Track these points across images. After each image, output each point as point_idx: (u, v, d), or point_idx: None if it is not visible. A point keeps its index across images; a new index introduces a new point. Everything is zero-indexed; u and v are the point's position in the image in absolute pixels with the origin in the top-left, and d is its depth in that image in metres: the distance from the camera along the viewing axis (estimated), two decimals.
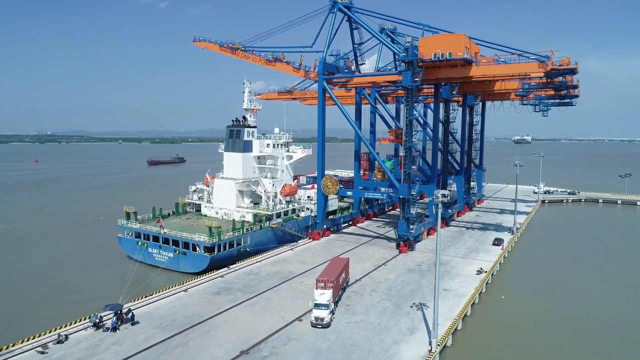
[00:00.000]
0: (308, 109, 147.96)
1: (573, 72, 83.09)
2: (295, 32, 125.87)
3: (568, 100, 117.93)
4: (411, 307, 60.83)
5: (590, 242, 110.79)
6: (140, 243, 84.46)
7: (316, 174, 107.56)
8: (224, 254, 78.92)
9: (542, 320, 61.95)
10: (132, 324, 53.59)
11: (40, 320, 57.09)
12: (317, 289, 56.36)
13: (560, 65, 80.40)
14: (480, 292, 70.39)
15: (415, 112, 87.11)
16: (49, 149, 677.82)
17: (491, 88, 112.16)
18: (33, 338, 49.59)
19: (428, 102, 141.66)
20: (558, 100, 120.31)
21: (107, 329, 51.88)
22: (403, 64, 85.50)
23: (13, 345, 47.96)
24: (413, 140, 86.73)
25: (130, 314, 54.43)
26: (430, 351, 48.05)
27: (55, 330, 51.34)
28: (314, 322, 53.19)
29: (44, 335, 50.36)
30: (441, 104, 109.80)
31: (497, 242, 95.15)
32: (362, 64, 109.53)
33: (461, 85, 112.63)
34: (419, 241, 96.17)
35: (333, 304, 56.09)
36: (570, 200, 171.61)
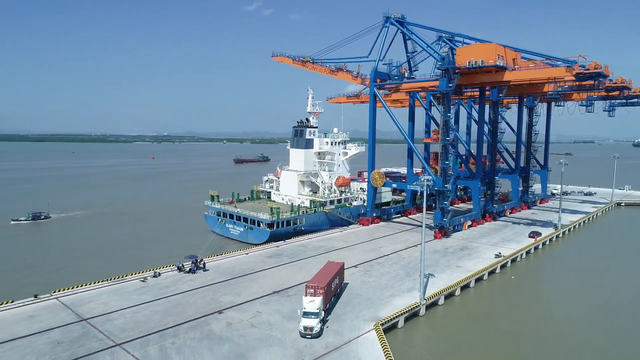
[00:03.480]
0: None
1: (601, 75, 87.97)
2: (355, 44, 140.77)
3: (635, 100, 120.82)
4: (419, 275, 73.38)
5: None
6: (220, 219, 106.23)
7: (381, 170, 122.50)
8: (282, 230, 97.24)
9: (538, 299, 70.49)
10: (204, 270, 73.53)
11: (144, 263, 79.20)
12: (306, 295, 52.78)
13: (588, 70, 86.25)
14: (493, 272, 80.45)
15: (449, 114, 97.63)
16: (164, 148, 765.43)
17: (541, 90, 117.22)
18: (138, 273, 71.53)
19: (488, 103, 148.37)
20: (625, 101, 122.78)
21: (186, 271, 72.45)
22: (440, 71, 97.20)
23: (125, 276, 70.23)
24: (447, 138, 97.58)
25: (203, 263, 74.58)
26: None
27: (152, 270, 72.92)
28: (302, 332, 48.96)
29: (145, 272, 72.09)
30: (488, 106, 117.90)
31: (533, 234, 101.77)
32: (415, 70, 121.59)
33: (510, 87, 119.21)
34: (458, 231, 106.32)
35: (324, 312, 52.22)
36: None
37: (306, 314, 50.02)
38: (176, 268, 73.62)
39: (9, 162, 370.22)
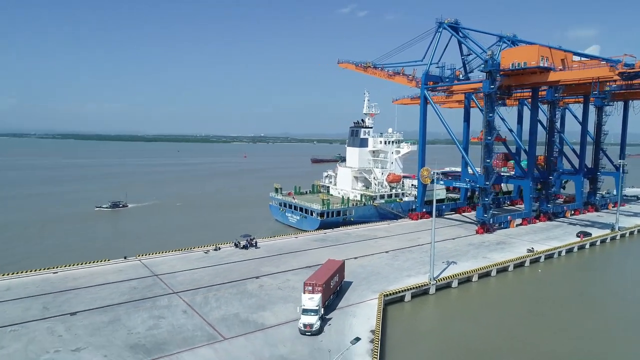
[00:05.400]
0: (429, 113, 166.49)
1: None
2: (417, 48, 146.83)
3: None
4: (443, 262, 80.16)
5: None
6: (281, 209, 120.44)
7: (441, 170, 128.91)
8: (331, 219, 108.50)
9: (554, 298, 71.71)
10: (255, 247, 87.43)
11: (209, 240, 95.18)
12: (305, 292, 52.99)
13: (633, 69, 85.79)
14: (521, 265, 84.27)
15: (490, 114, 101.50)
16: (257, 147, 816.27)
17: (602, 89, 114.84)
18: (203, 247, 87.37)
19: (565, 103, 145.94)
20: None
21: (241, 247, 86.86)
22: (484, 73, 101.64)
23: (192, 248, 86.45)
24: (488, 137, 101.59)
25: (255, 241, 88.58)
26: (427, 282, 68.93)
27: (214, 245, 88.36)
28: (302, 329, 49.26)
29: (208, 246, 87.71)
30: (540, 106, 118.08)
31: (580, 234, 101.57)
32: (471, 72, 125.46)
33: (571, 87, 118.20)
34: (504, 228, 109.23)
35: (322, 309, 52.87)
36: None
37: (305, 311, 50.31)
38: (233, 244, 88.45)
39: (120, 159, 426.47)
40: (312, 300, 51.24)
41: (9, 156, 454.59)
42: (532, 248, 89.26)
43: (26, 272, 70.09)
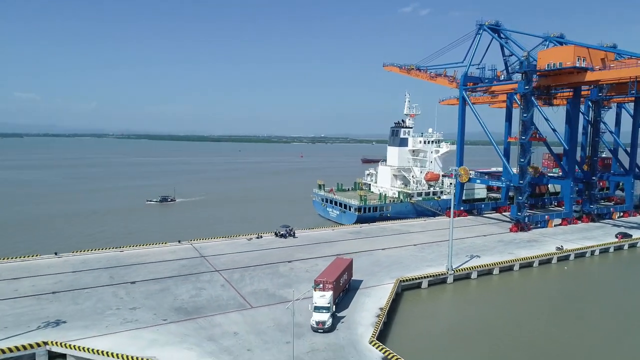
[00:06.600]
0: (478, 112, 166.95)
1: None
2: (459, 50, 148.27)
3: None
4: (466, 256, 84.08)
5: None
6: (323, 204, 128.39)
7: (486, 170, 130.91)
8: (368, 215, 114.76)
9: (573, 297, 73.13)
10: (293, 237, 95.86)
11: (255, 230, 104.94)
12: (315, 290, 53.98)
13: None
14: (548, 262, 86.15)
15: (525, 114, 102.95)
16: (316, 148, 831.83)
17: None
18: (246, 235, 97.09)
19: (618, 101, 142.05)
20: None
21: (280, 236, 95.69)
22: (520, 74, 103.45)
23: (238, 236, 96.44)
24: (522, 137, 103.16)
25: (293, 231, 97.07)
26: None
27: (258, 234, 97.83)
28: (314, 326, 49.95)
29: (251, 235, 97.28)
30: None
31: (619, 235, 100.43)
32: (512, 73, 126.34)
33: (617, 86, 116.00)
34: (540, 227, 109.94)
35: (334, 306, 53.70)
36: None
37: (317, 309, 50.85)
38: (274, 234, 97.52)
39: (188, 157, 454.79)
40: (324, 297, 51.91)
41: (95, 153, 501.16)
42: (561, 246, 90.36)
43: (99, 250, 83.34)
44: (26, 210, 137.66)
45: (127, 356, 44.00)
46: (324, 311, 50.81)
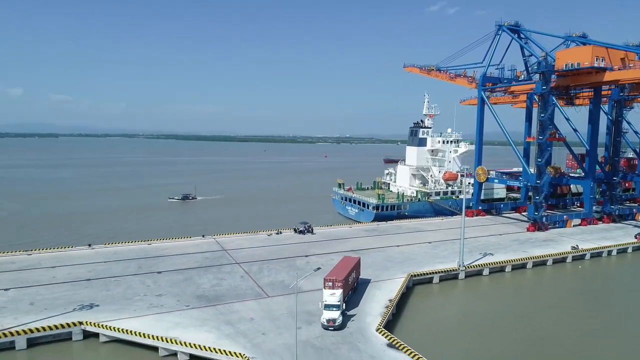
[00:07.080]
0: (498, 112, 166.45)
1: None
2: (479, 50, 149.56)
3: None
4: (479, 253, 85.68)
5: None
6: (342, 202, 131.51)
7: (508, 170, 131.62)
8: (386, 213, 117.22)
9: (584, 295, 74.12)
10: (312, 233, 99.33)
11: (274, 224, 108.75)
12: (325, 288, 54.16)
13: None
14: (562, 261, 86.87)
15: (542, 114, 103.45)
16: (340, 148, 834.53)
17: None
18: (266, 231, 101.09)
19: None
20: None
21: (298, 232, 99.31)
22: (538, 74, 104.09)
23: (258, 232, 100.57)
24: (540, 137, 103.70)
25: (311, 228, 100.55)
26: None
27: (277, 229, 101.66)
28: (325, 324, 50.32)
29: (271, 231, 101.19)
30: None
31: (639, 235, 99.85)
32: (532, 74, 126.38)
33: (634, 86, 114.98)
34: (559, 227, 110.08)
35: (344, 304, 54.14)
36: None
37: (328, 307, 51.38)
38: (293, 230, 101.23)
39: (214, 157, 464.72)
40: (334, 295, 52.33)
41: (125, 153, 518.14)
42: (577, 245, 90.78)
43: (129, 242, 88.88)
44: (63, 205, 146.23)
45: (153, 335, 48.35)
46: (334, 309, 51.39)
